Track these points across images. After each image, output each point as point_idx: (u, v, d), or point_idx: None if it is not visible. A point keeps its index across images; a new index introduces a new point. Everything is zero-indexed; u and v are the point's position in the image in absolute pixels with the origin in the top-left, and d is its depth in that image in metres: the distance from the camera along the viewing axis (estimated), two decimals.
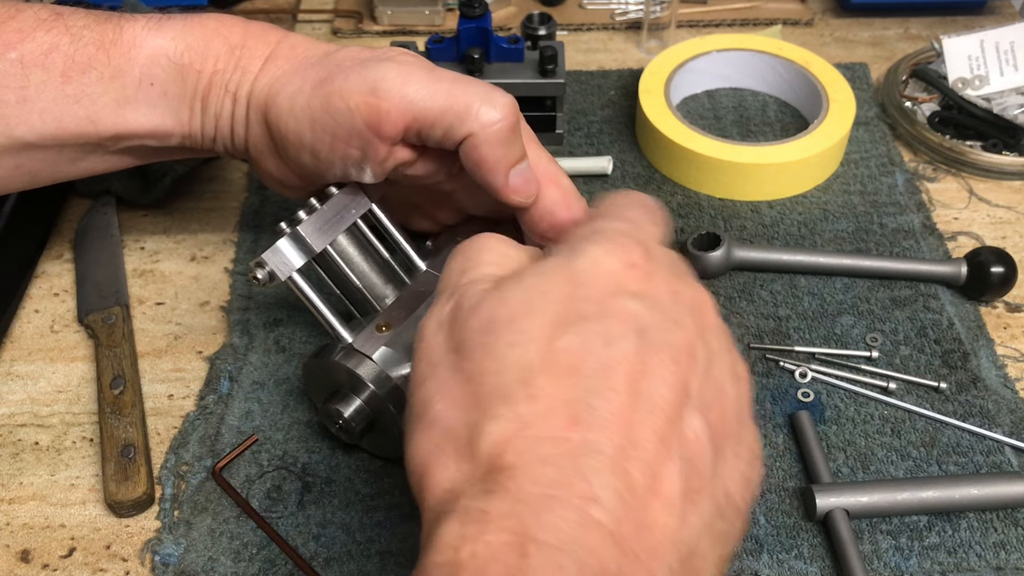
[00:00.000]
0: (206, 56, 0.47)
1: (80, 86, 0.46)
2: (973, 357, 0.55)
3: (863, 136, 0.70)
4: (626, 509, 0.29)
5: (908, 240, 0.62)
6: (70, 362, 0.55)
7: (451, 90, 0.44)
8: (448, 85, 0.44)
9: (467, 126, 0.44)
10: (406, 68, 0.44)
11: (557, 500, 0.28)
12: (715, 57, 0.73)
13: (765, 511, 0.48)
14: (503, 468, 0.29)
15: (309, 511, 0.48)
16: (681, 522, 0.30)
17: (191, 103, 0.48)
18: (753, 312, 0.58)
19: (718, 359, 0.34)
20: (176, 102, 0.48)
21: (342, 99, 0.44)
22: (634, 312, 0.33)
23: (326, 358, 0.46)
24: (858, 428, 0.51)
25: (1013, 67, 0.71)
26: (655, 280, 0.35)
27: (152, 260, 0.61)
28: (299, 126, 0.45)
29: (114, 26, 0.47)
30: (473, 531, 0.28)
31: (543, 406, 0.30)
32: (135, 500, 0.47)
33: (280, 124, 0.46)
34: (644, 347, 0.32)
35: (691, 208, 0.65)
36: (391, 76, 0.44)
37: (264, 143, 0.48)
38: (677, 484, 0.30)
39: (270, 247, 0.45)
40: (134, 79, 0.46)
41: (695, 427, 0.31)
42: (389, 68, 0.44)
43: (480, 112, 0.43)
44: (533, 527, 0.28)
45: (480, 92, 0.44)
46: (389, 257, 0.50)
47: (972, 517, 0.48)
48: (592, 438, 0.30)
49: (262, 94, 0.47)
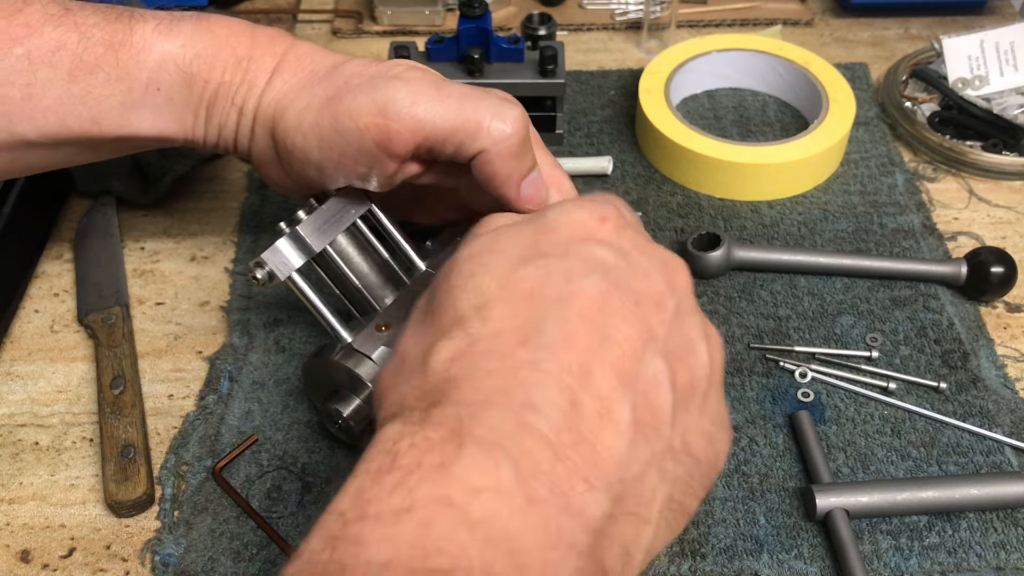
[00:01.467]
0: (213, 66, 0.47)
1: (86, 86, 0.46)
2: (973, 357, 0.55)
3: (863, 136, 0.70)
4: (567, 422, 0.30)
5: (908, 240, 0.62)
6: (70, 362, 0.55)
7: (461, 107, 0.44)
8: (457, 102, 0.44)
9: (479, 143, 0.44)
10: (415, 86, 0.44)
11: (496, 405, 0.30)
12: (715, 57, 0.73)
13: (765, 511, 0.48)
14: (449, 380, 0.31)
15: (309, 511, 0.48)
16: (628, 447, 0.31)
17: (196, 110, 0.47)
18: (753, 312, 0.58)
19: (688, 317, 0.35)
20: (181, 108, 0.47)
21: (351, 119, 0.44)
22: (600, 257, 0.34)
23: (326, 358, 0.46)
24: (858, 428, 0.51)
25: (1013, 67, 0.71)
26: (625, 234, 0.36)
27: (152, 260, 0.61)
28: (306, 143, 0.45)
29: (124, 26, 0.46)
30: (413, 428, 0.30)
31: (494, 327, 0.32)
32: (135, 500, 0.47)
33: (287, 140, 0.46)
34: (607, 287, 0.33)
35: (691, 208, 0.65)
36: (400, 96, 0.43)
37: (269, 155, 0.48)
38: (627, 414, 0.31)
39: (270, 247, 0.45)
40: (141, 83, 0.46)
41: (656, 368, 0.33)
42: (398, 88, 0.44)
43: (492, 128, 0.43)
44: (470, 425, 0.30)
45: (491, 107, 0.44)
46: (389, 257, 0.50)
47: (972, 517, 0.48)
48: (539, 357, 0.31)
49: (269, 109, 0.46)
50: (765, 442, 0.51)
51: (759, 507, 0.48)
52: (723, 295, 0.59)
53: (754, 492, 0.49)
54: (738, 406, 0.52)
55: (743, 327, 0.57)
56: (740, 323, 0.57)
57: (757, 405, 0.53)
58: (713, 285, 0.59)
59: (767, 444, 0.51)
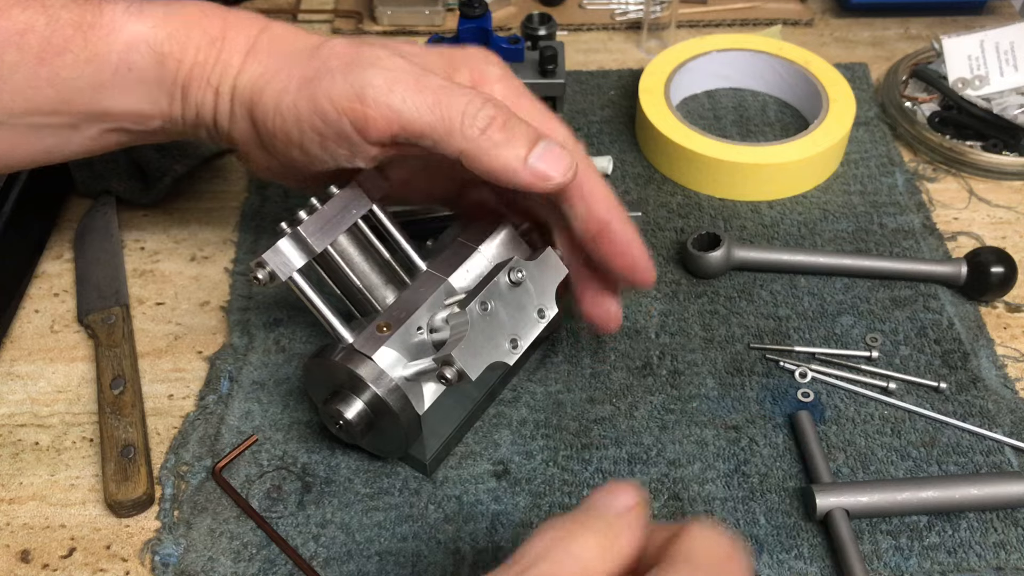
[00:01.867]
0: (186, 46, 0.46)
1: (55, 68, 0.45)
2: (973, 357, 0.55)
3: (863, 136, 0.70)
4: None
5: (908, 240, 0.62)
6: (70, 362, 0.55)
7: (435, 103, 0.42)
8: (432, 96, 0.42)
9: (455, 144, 0.42)
10: (391, 75, 0.43)
11: None
12: (715, 57, 0.73)
13: (765, 511, 0.48)
14: None
15: (309, 511, 0.48)
16: None
17: (171, 91, 0.47)
18: (753, 312, 0.58)
19: None
20: (154, 89, 0.47)
21: (329, 102, 0.43)
22: None
23: (326, 358, 0.46)
24: (858, 428, 0.52)
25: (1013, 67, 0.71)
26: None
27: (152, 260, 0.61)
28: (286, 125, 0.45)
29: (94, 7, 0.46)
30: None
31: None
32: (135, 500, 0.47)
33: (267, 122, 0.45)
34: None
35: (691, 208, 0.65)
36: (377, 83, 0.43)
37: (250, 137, 0.47)
38: None
39: (271, 247, 0.45)
40: (111, 64, 0.45)
41: None
42: (375, 74, 0.43)
43: (463, 128, 0.42)
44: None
45: (462, 103, 0.42)
46: (390, 257, 0.50)
47: (972, 517, 0.48)
48: None
49: (246, 91, 0.46)
50: (765, 442, 0.51)
51: (759, 507, 0.48)
52: (723, 295, 0.59)
53: (754, 492, 0.49)
54: (738, 406, 0.52)
55: (743, 327, 0.57)
56: (740, 323, 0.57)
57: (757, 405, 0.53)
58: (713, 285, 0.59)
59: (767, 444, 0.51)
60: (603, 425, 0.52)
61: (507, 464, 0.50)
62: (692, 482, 0.49)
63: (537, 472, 0.50)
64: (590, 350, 0.55)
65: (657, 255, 0.61)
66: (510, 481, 0.49)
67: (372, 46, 0.45)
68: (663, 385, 0.53)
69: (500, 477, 0.49)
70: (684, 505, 0.48)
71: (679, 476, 0.49)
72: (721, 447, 0.51)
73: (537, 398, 0.53)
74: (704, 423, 0.52)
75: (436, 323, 0.47)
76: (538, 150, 0.43)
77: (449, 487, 0.49)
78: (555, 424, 0.52)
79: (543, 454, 0.50)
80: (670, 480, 0.49)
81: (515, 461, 0.50)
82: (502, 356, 0.44)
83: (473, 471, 0.50)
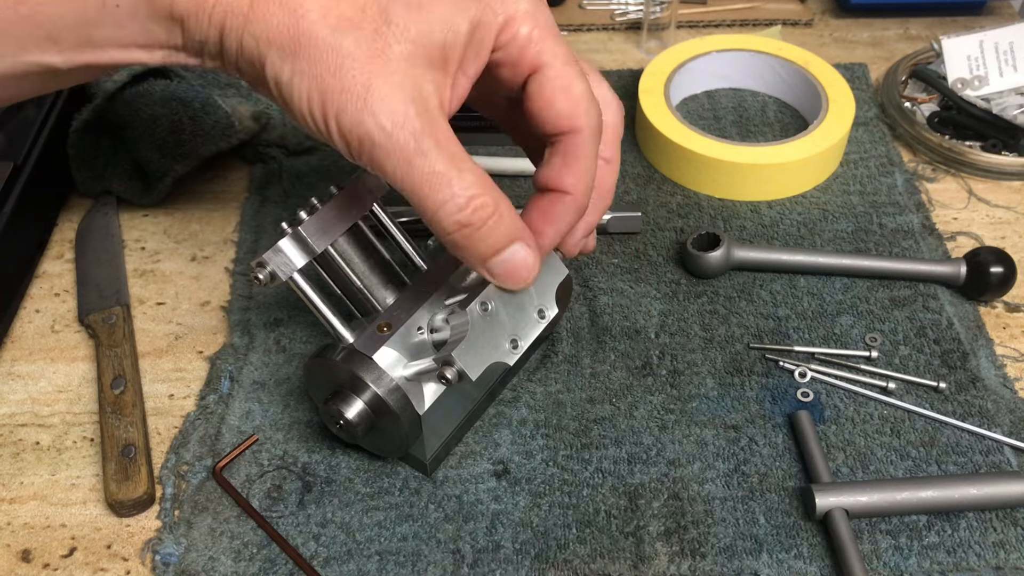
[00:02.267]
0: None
1: (34, 6, 0.42)
2: (972, 357, 0.55)
3: (863, 136, 0.70)
4: None
5: (907, 240, 0.62)
6: (71, 362, 0.55)
7: (422, 183, 0.39)
8: (421, 178, 0.39)
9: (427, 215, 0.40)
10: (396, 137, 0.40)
11: None
12: (715, 57, 0.73)
13: (765, 511, 0.48)
14: None
15: (309, 511, 0.48)
16: None
17: (167, 25, 0.43)
18: (753, 312, 0.58)
19: None
20: (148, 23, 0.42)
21: (336, 124, 0.40)
22: None
23: (327, 358, 0.46)
24: (858, 428, 0.52)
25: (1012, 67, 0.71)
26: None
27: (152, 260, 0.61)
28: (309, 105, 0.41)
29: None
30: None
31: None
32: (135, 500, 0.47)
33: (283, 93, 0.41)
34: None
35: (691, 208, 0.65)
36: (380, 139, 0.39)
37: (262, 85, 0.43)
38: None
39: (271, 247, 0.45)
40: (97, 1, 0.41)
41: None
42: (383, 120, 0.39)
43: (441, 209, 0.40)
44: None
45: (447, 194, 0.39)
46: (390, 257, 0.50)
47: (971, 517, 0.48)
48: None
49: (254, 52, 0.41)
50: (765, 442, 0.51)
51: (759, 507, 0.48)
52: (723, 295, 0.59)
53: (754, 492, 0.49)
54: (738, 406, 0.53)
55: (743, 327, 0.57)
56: (740, 323, 0.57)
57: (757, 405, 0.53)
58: (713, 285, 0.59)
59: (767, 444, 0.51)
60: (603, 425, 0.52)
61: (507, 464, 0.50)
62: (692, 482, 0.49)
63: (537, 472, 0.50)
64: (590, 350, 0.55)
65: (657, 255, 0.61)
66: (510, 481, 0.49)
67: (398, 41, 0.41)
68: (663, 385, 0.54)
69: (500, 477, 0.49)
70: (684, 505, 0.48)
71: (679, 476, 0.49)
72: (721, 447, 0.51)
73: (537, 398, 0.53)
74: (704, 423, 0.52)
75: (436, 323, 0.47)
76: (504, 255, 0.42)
77: (449, 487, 0.49)
78: (555, 424, 0.52)
79: (543, 454, 0.50)
80: (670, 480, 0.49)
81: (515, 461, 0.50)
82: (502, 356, 0.44)
83: (473, 471, 0.50)
